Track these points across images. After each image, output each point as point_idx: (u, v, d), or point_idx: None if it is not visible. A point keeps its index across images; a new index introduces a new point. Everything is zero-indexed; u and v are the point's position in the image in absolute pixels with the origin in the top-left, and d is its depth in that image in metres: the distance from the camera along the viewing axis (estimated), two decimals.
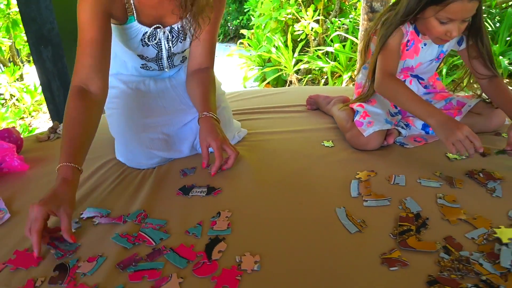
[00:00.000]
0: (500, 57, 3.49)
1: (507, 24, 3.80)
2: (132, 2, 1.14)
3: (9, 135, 1.45)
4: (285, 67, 4.48)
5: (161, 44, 1.26)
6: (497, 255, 0.80)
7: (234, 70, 5.34)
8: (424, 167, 1.20)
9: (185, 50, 1.38)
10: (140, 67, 1.36)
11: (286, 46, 4.46)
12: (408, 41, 1.40)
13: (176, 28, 1.25)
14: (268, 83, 4.63)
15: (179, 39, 1.29)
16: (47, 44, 2.40)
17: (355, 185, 1.12)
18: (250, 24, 5.91)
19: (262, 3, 4.74)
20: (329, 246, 0.87)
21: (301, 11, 4.53)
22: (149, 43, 1.24)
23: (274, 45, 4.58)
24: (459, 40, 1.41)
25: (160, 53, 1.29)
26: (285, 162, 1.30)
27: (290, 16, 4.70)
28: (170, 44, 1.28)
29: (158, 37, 1.24)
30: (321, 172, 1.23)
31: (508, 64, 3.44)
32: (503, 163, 1.19)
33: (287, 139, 1.49)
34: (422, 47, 1.41)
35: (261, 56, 4.74)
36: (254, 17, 5.21)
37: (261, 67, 4.82)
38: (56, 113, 2.67)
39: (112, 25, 1.14)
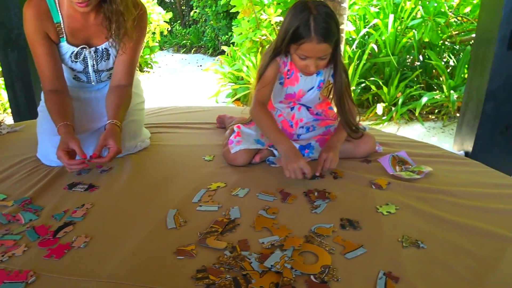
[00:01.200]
0: (452, 91, 3.63)
1: (465, 60, 3.95)
2: (62, 27, 1.45)
3: None
4: None
5: (87, 61, 1.54)
6: (268, 257, 0.93)
7: (212, 84, 5.52)
8: (272, 184, 1.36)
9: (111, 68, 1.64)
10: (73, 78, 1.62)
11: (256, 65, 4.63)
12: (288, 70, 1.54)
13: (100, 49, 1.54)
14: (238, 99, 4.78)
15: (103, 58, 1.56)
16: (14, 48, 2.64)
17: (201, 193, 1.29)
18: (230, 42, 6.12)
19: (240, 22, 4.93)
20: (147, 235, 1.06)
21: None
22: (76, 60, 1.52)
23: (245, 64, 4.75)
24: (332, 73, 1.55)
25: (86, 68, 1.56)
26: (163, 169, 1.51)
27: (264, 37, 4.89)
28: (95, 62, 1.55)
29: (84, 55, 1.52)
30: (185, 180, 1.41)
31: (457, 98, 3.56)
32: (346, 186, 1.34)
33: (178, 152, 1.70)
34: (301, 76, 1.55)
35: (233, 74, 4.91)
36: (235, 35, 5.40)
37: (234, 84, 4.98)
38: (17, 113, 2.85)
39: None
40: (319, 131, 1.66)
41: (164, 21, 6.78)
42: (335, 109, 1.78)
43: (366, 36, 4.62)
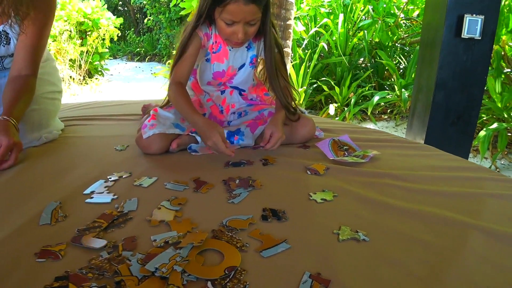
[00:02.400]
0: (403, 90, 3.55)
1: (415, 61, 3.91)
2: None
3: None
4: None
5: None
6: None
7: (163, 90, 5.24)
8: (187, 172, 1.11)
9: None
10: None
11: None
12: (214, 43, 1.30)
13: None
14: None
15: (2, 43, 1.31)
16: None
17: (97, 184, 1.02)
18: None
19: None
20: (11, 233, 0.79)
21: None
22: None
23: None
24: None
25: None
26: (61, 161, 1.22)
27: None
28: None
29: None
30: (83, 171, 1.13)
31: (408, 96, 3.48)
32: (276, 173, 1.10)
33: (87, 143, 1.43)
34: (230, 50, 1.32)
35: None
36: None
37: None
38: None
39: None
40: (251, 115, 1.43)
41: (115, 27, 6.40)
42: (271, 95, 1.56)
43: (317, 37, 4.51)
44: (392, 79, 4.09)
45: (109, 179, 1.05)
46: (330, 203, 0.90)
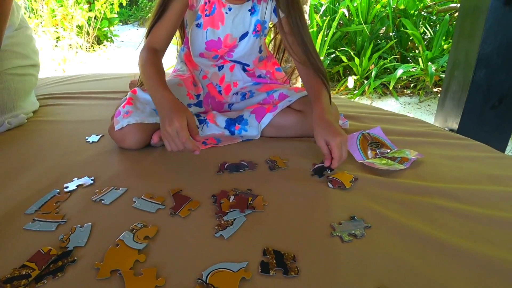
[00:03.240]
0: (429, 63, 3.19)
1: (443, 31, 3.52)
2: None
3: None
4: None
5: None
6: None
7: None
8: (168, 180, 0.85)
9: None
10: None
11: None
12: (207, 3, 1.00)
13: None
14: None
15: None
16: None
17: (46, 198, 0.77)
18: None
19: None
20: None
21: None
22: None
23: None
24: (274, 9, 1.02)
25: None
26: (15, 159, 0.98)
27: None
28: None
29: None
30: (37, 175, 0.88)
31: (435, 71, 3.13)
32: (286, 185, 0.83)
33: (55, 131, 1.17)
34: (227, 13, 1.02)
35: None
36: None
37: None
38: None
39: None
40: (258, 98, 1.14)
41: None
42: (283, 73, 1.27)
43: (337, 3, 4.10)
44: (417, 51, 3.71)
45: (65, 189, 0.80)
46: (361, 242, 0.62)
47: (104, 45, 5.85)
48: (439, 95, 2.41)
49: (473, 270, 0.57)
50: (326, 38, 3.51)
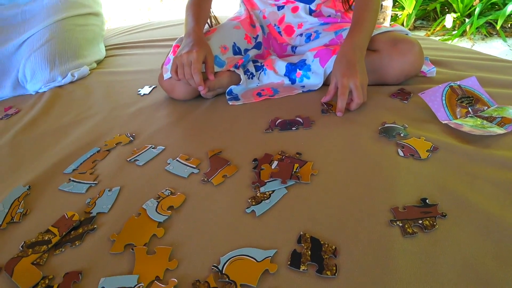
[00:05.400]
0: None
1: None
2: None
3: None
4: None
5: None
6: None
7: None
8: (207, 140, 0.76)
9: None
10: None
11: None
12: None
13: None
14: None
15: None
16: None
17: (85, 157, 0.75)
18: None
19: None
20: None
21: None
22: None
23: None
24: None
25: None
26: (71, 113, 0.99)
27: None
28: None
29: None
30: (82, 131, 0.87)
31: None
32: (343, 148, 0.68)
33: (113, 83, 1.16)
34: None
35: None
36: None
37: None
38: None
39: None
40: (325, 38, 0.97)
41: None
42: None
43: None
44: None
45: (104, 147, 0.77)
46: (429, 238, 0.47)
47: None
48: None
49: None
50: None
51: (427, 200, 0.52)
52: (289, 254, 0.46)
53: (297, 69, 0.94)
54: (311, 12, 1.02)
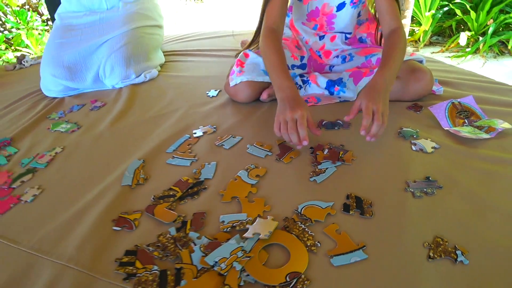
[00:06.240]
0: None
1: None
2: None
3: None
4: None
5: None
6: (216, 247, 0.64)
7: None
8: (273, 133, 0.98)
9: None
10: None
11: None
12: None
13: None
14: None
15: None
16: None
17: (181, 140, 1.02)
18: None
19: None
20: (97, 194, 0.84)
21: None
22: None
23: None
24: None
25: None
26: (154, 107, 1.26)
27: None
28: None
29: None
30: (171, 122, 1.14)
31: None
32: (373, 143, 0.90)
33: (181, 85, 1.43)
34: None
35: None
36: None
37: None
38: None
39: None
40: (357, 61, 1.24)
41: None
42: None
43: None
44: None
45: (194, 135, 1.03)
46: (430, 199, 0.74)
47: None
48: None
49: None
50: None
51: (429, 178, 0.79)
52: (341, 205, 0.73)
53: (336, 85, 1.21)
54: (346, 39, 1.28)
